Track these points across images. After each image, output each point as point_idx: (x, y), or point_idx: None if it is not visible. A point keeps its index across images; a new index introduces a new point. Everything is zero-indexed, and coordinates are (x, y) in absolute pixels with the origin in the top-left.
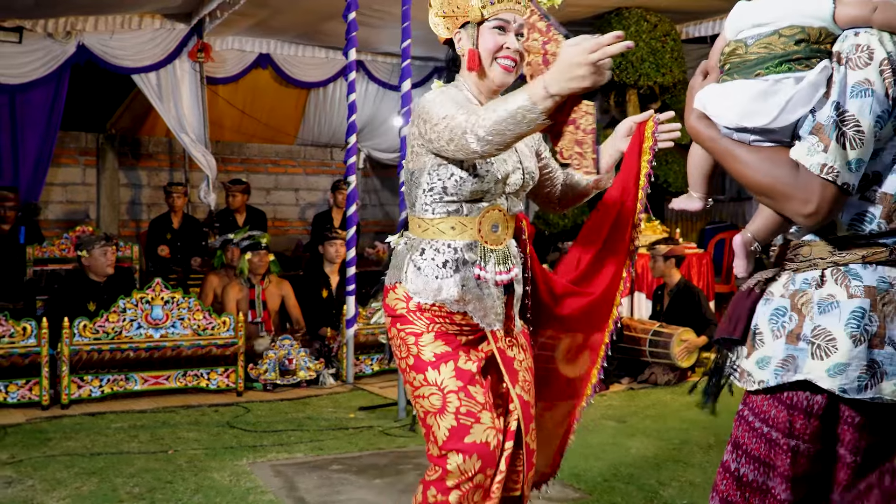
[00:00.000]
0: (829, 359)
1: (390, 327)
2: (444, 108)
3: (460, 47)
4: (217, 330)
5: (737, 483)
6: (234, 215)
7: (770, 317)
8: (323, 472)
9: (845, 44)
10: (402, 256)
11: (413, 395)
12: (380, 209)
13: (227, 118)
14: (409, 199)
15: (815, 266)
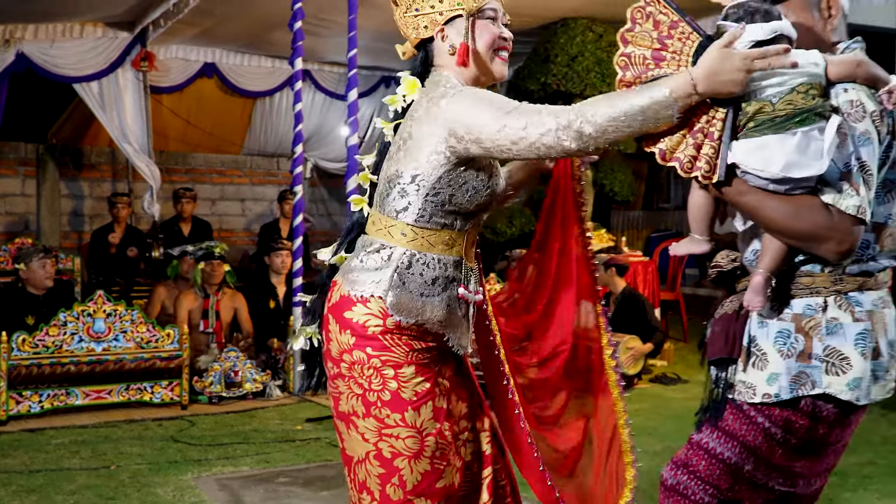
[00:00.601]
0: (845, 375)
1: (351, 349)
2: (497, 107)
3: (448, 45)
4: (161, 342)
5: (723, 466)
6: (178, 226)
7: (775, 338)
8: (269, 485)
9: (840, 100)
10: (377, 265)
11: (378, 433)
12: (327, 219)
13: (172, 128)
14: (393, 203)
15: (817, 293)
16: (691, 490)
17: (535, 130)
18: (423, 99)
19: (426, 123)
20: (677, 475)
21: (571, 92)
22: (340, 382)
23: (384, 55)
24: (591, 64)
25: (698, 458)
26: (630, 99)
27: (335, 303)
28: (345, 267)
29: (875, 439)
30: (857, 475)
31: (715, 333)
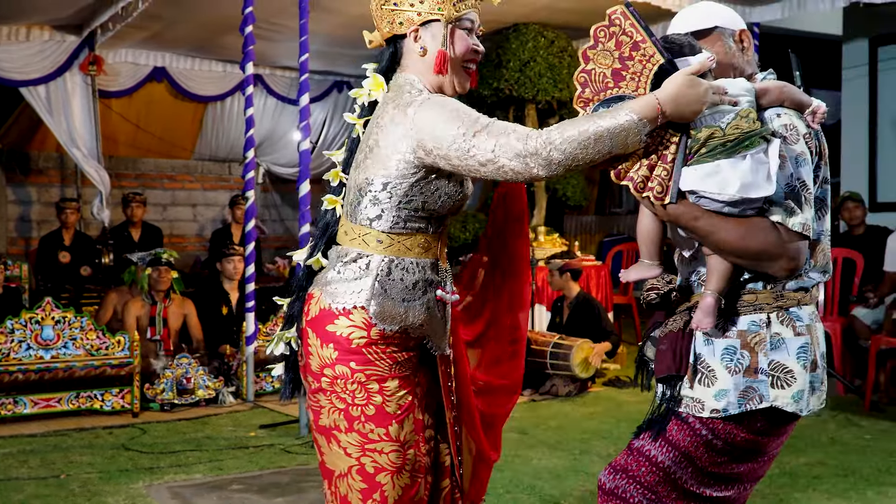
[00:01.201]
0: (790, 388)
1: (334, 363)
2: (466, 125)
3: (420, 46)
4: (111, 350)
5: (662, 473)
6: (128, 231)
7: (722, 355)
8: (223, 492)
9: (775, 124)
10: (356, 275)
11: (361, 448)
12: (280, 224)
13: (121, 132)
14: (365, 211)
15: (761, 310)
16: (629, 494)
17: (504, 155)
18: (389, 104)
19: (393, 132)
20: (615, 479)
21: (524, 97)
22: (321, 397)
23: (336, 60)
24: (543, 69)
25: (638, 464)
26: (598, 122)
27: (315, 317)
28: (321, 279)
29: (823, 440)
30: (806, 476)
31: (662, 351)
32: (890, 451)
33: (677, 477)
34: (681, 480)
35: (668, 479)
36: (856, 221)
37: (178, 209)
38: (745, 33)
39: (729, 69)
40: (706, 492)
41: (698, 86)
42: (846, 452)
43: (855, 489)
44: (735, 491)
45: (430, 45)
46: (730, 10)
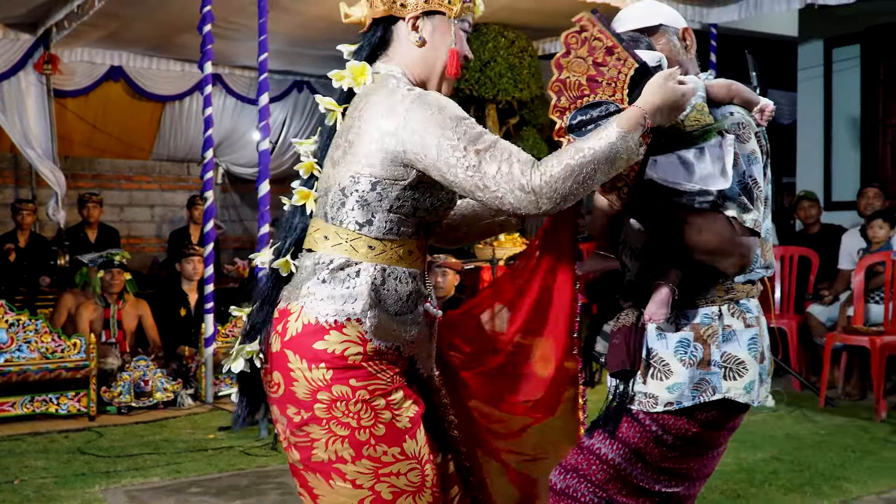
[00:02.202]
0: (742, 379)
1: (329, 384)
2: (466, 139)
3: (420, 37)
4: (67, 352)
5: (613, 470)
6: (85, 232)
7: (675, 348)
8: (181, 495)
9: (727, 122)
10: (346, 284)
11: (375, 475)
12: (239, 225)
13: (77, 132)
14: (353, 214)
15: (713, 303)
16: (580, 493)
17: (506, 185)
18: (373, 96)
19: (379, 127)
20: (566, 479)
21: (484, 97)
22: (315, 428)
23: (296, 59)
24: (504, 69)
25: (589, 463)
26: (592, 146)
27: (296, 335)
28: (297, 292)
29: (779, 436)
30: (763, 471)
31: (615, 346)
32: (844, 446)
33: (627, 473)
34: (631, 477)
35: (619, 477)
36: (811, 220)
37: (136, 210)
38: (688, 31)
39: (674, 66)
40: (656, 487)
41: (677, 91)
42: (802, 448)
43: (811, 484)
44: (684, 487)
45: (429, 38)
46: (672, 8)
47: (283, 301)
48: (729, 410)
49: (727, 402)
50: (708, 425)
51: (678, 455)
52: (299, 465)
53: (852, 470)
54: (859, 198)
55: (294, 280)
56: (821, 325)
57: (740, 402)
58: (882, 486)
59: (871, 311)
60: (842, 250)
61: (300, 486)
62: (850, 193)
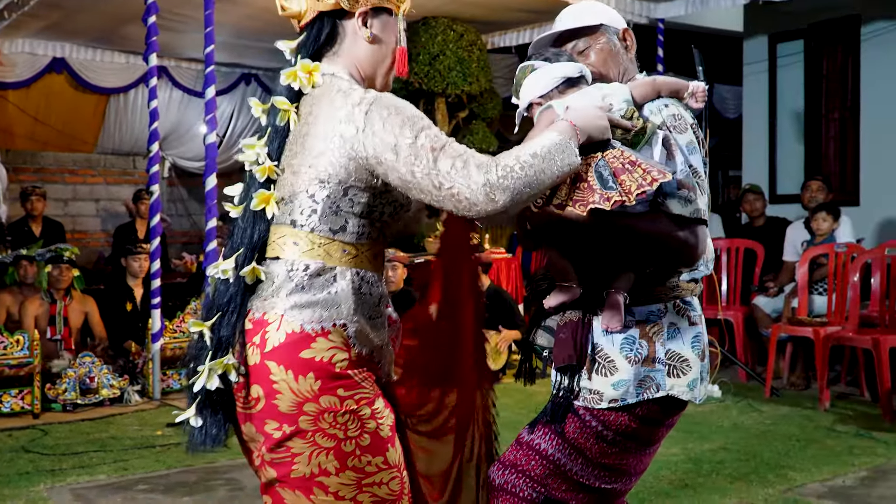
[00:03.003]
0: (685, 377)
1: (317, 395)
2: (424, 138)
3: (370, 33)
4: (10, 349)
5: (553, 466)
6: (29, 227)
7: (621, 346)
8: (128, 492)
9: (663, 114)
10: (327, 289)
11: (357, 486)
12: (187, 219)
13: (19, 125)
14: (326, 220)
15: (659, 300)
16: (519, 488)
17: (461, 181)
18: (326, 100)
19: (338, 130)
20: (505, 475)
21: (433, 90)
22: (298, 442)
23: (244, 52)
24: (453, 63)
25: (528, 458)
26: (540, 143)
27: (280, 345)
28: (275, 300)
29: (726, 426)
30: (710, 461)
31: (561, 340)
32: (789, 435)
33: (567, 469)
34: (571, 473)
35: (559, 472)
36: (756, 213)
37: (80, 204)
38: (628, 32)
39: (613, 66)
40: (596, 483)
41: (601, 125)
42: (748, 437)
43: (756, 472)
44: (621, 483)
45: (380, 35)
46: (612, 9)
47: (255, 311)
48: (669, 407)
49: (669, 399)
50: (648, 421)
51: (618, 451)
52: (275, 482)
53: (797, 458)
54: (803, 191)
55: (262, 289)
56: (766, 317)
57: (681, 400)
58: (826, 473)
59: (815, 302)
60: (786, 242)
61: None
62: (794, 186)
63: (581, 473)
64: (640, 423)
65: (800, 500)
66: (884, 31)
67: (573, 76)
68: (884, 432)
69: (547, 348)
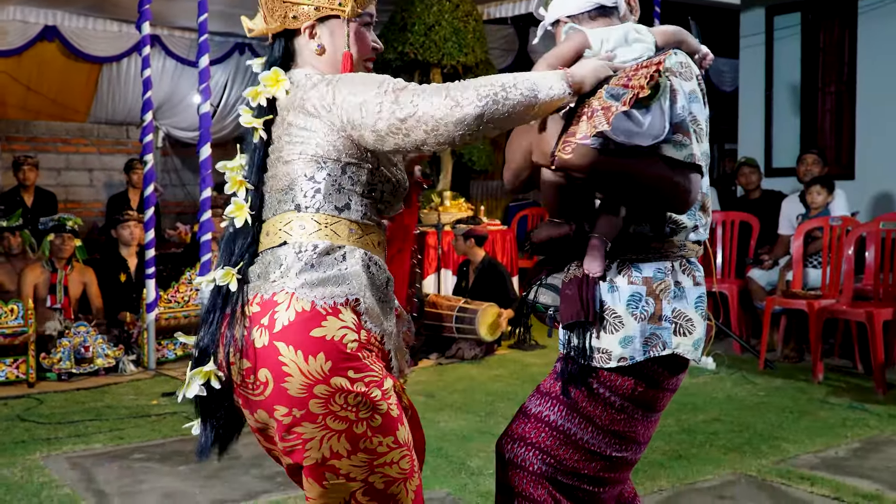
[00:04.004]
0: (690, 336)
1: (328, 376)
2: (385, 85)
3: (317, 44)
4: (4, 318)
5: (563, 436)
6: (21, 196)
7: (628, 302)
8: (124, 461)
9: (671, 61)
10: (338, 266)
11: (369, 466)
12: (181, 189)
13: (11, 94)
14: (329, 199)
15: (666, 258)
16: (529, 461)
17: (424, 102)
18: (297, 98)
19: (318, 112)
20: (514, 449)
21: (429, 61)
22: (309, 426)
23: (238, 21)
24: (449, 33)
25: (537, 430)
26: (515, 75)
27: (289, 324)
28: (284, 281)
29: (720, 397)
30: (704, 432)
31: (568, 297)
32: (782, 407)
33: (578, 438)
34: (581, 441)
35: (569, 442)
36: (752, 186)
37: (73, 174)
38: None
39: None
40: (607, 451)
41: (599, 73)
42: (742, 409)
43: (749, 444)
44: (631, 452)
45: (329, 43)
46: None
47: (263, 293)
48: (673, 369)
49: (673, 360)
50: (654, 384)
51: (626, 417)
52: (298, 468)
53: (790, 430)
54: (798, 164)
55: (269, 273)
56: (761, 290)
57: (682, 362)
58: (819, 445)
59: (810, 275)
60: (781, 216)
61: None
62: (790, 160)
63: (592, 441)
64: (645, 385)
65: (792, 471)
66: (881, 5)
67: (608, 5)
68: (876, 405)
69: (551, 307)
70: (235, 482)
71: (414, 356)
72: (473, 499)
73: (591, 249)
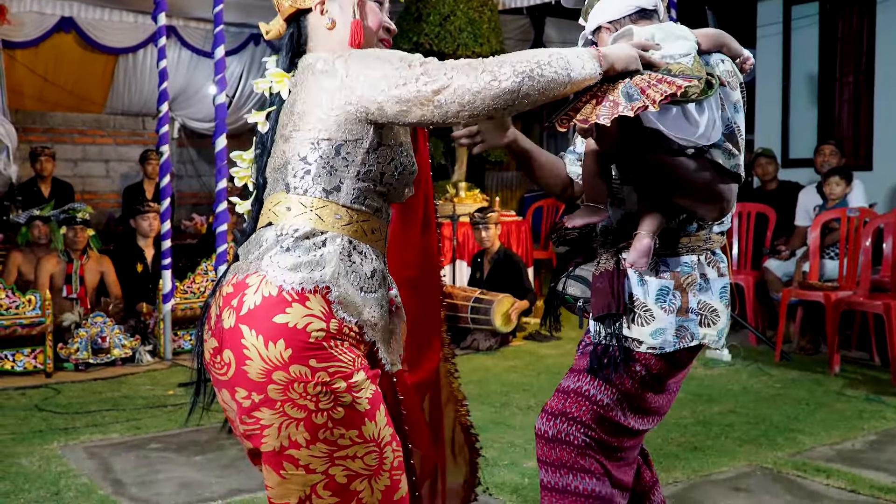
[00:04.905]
0: (715, 326)
1: (287, 363)
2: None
3: (328, 18)
4: (22, 309)
5: (601, 409)
6: (38, 187)
7: (657, 296)
8: (141, 451)
9: (719, 69)
10: (312, 252)
11: (329, 458)
12: (196, 180)
13: (28, 85)
14: (319, 181)
15: (692, 252)
16: (573, 436)
17: (459, 74)
18: (307, 80)
19: (323, 90)
20: (557, 424)
21: (444, 52)
22: (267, 412)
23: (253, 12)
24: (464, 24)
25: (578, 405)
26: (556, 49)
27: (254, 308)
28: (260, 263)
29: (736, 389)
30: (719, 424)
31: (598, 289)
32: (798, 399)
33: (612, 412)
34: (615, 415)
35: (605, 417)
36: (768, 177)
37: (90, 164)
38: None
39: None
40: (633, 425)
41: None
42: (757, 401)
43: (766, 436)
44: (651, 423)
45: (339, 17)
46: None
47: (238, 274)
48: (693, 351)
49: (698, 346)
50: (678, 365)
51: (653, 393)
52: (252, 456)
53: (806, 422)
54: (816, 155)
55: (249, 253)
56: (777, 281)
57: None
58: (835, 437)
59: (826, 266)
60: (799, 206)
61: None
62: (807, 151)
63: (623, 417)
64: (672, 366)
65: (808, 463)
66: None
67: (648, 7)
68: (893, 397)
69: (581, 298)
70: (252, 472)
71: None
72: (489, 489)
73: (642, 248)
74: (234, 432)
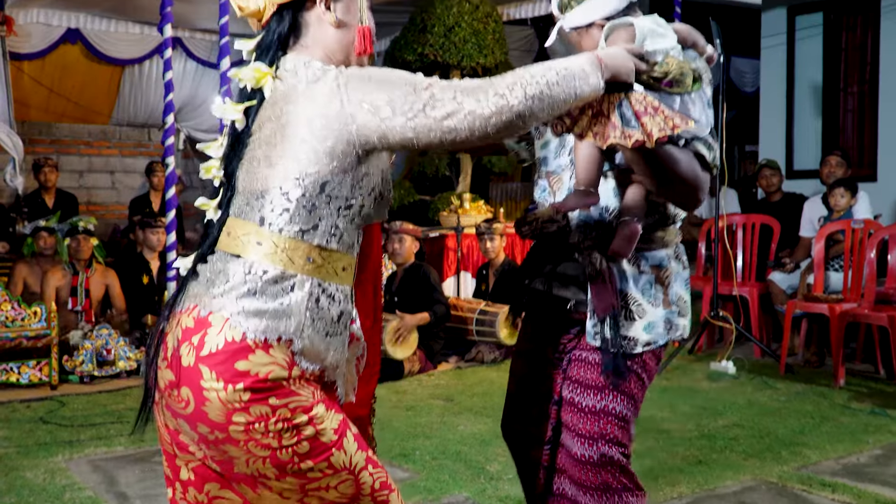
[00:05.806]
0: (686, 317)
1: (247, 405)
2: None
3: (334, 16)
4: (27, 321)
5: (626, 424)
6: (42, 198)
7: (643, 290)
8: (145, 464)
9: (697, 63)
10: (279, 299)
11: (301, 490)
12: (202, 192)
13: (34, 96)
14: (298, 221)
15: (667, 245)
16: (616, 457)
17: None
18: (300, 88)
19: (324, 115)
20: (599, 448)
21: (448, 63)
22: (231, 448)
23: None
24: (468, 35)
25: (612, 426)
26: (555, 63)
27: (216, 351)
28: (223, 301)
29: (741, 402)
30: (724, 437)
31: (600, 290)
32: (804, 412)
33: (630, 426)
34: (631, 428)
35: (627, 430)
36: (773, 188)
37: (96, 176)
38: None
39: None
40: (633, 432)
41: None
42: (762, 414)
43: (770, 450)
44: None
45: (345, 18)
46: None
47: (201, 308)
48: (664, 347)
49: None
50: (659, 359)
51: (643, 391)
52: (221, 475)
53: (811, 436)
54: (821, 166)
55: (214, 285)
56: (782, 293)
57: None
58: (840, 451)
59: (831, 278)
60: (803, 218)
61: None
62: (811, 162)
63: (633, 426)
64: (656, 362)
65: (814, 477)
66: None
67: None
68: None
69: (573, 300)
70: None
71: (433, 359)
72: (493, 503)
73: (630, 233)
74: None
